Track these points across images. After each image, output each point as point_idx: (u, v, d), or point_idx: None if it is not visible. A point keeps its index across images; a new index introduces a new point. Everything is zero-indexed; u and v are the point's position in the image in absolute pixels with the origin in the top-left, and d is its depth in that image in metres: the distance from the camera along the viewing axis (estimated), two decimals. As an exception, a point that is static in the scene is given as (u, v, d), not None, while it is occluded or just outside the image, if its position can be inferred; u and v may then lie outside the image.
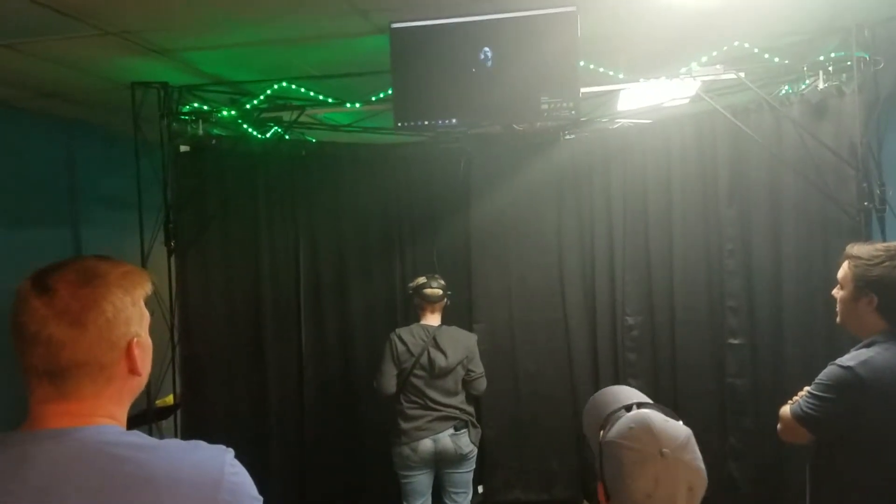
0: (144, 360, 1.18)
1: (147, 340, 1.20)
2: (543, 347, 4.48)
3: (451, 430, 3.60)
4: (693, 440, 1.27)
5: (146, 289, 1.20)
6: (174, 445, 1.12)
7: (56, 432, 1.08)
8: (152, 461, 1.06)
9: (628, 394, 1.43)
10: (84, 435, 1.08)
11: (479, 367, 3.73)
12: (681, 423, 1.31)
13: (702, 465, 1.25)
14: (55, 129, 4.32)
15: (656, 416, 1.29)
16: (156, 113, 3.72)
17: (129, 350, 1.14)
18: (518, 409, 4.49)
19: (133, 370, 1.15)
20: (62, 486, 1.02)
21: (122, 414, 1.17)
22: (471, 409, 3.74)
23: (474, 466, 3.76)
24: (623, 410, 1.34)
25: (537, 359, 4.49)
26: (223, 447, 1.15)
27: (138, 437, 1.11)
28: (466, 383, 3.69)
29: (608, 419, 1.34)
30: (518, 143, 4.36)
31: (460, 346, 3.67)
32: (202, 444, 1.14)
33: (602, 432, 1.33)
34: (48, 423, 1.09)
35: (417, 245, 4.59)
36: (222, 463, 1.11)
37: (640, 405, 1.35)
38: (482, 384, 3.74)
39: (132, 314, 1.15)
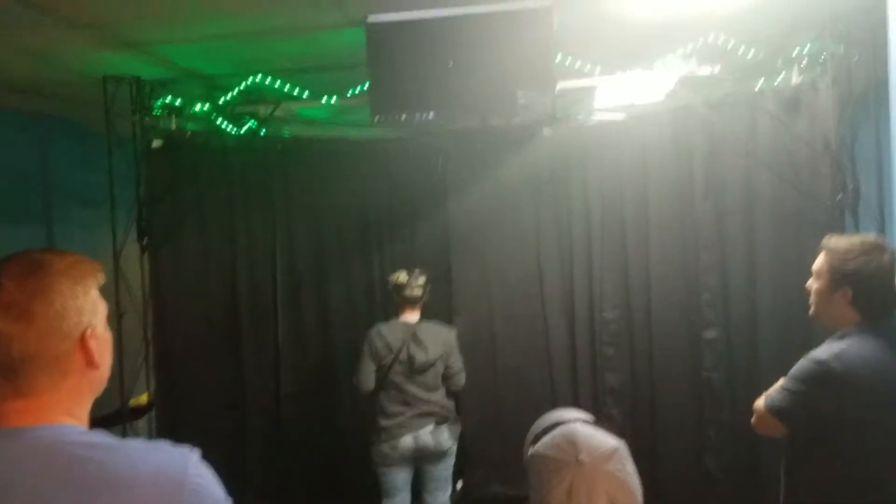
0: (102, 352, 1.15)
1: (104, 332, 1.17)
2: (523, 341, 4.47)
3: (432, 427, 3.58)
4: (622, 453, 1.19)
5: (98, 279, 1.17)
6: (136, 446, 1.09)
7: (13, 431, 1.05)
8: (113, 461, 1.04)
9: (570, 413, 1.35)
10: (43, 434, 1.05)
11: (458, 363, 3.72)
12: (615, 440, 1.22)
13: (631, 479, 1.16)
14: (27, 125, 4.24)
15: (584, 428, 1.22)
16: (128, 108, 3.66)
17: (83, 341, 1.11)
18: (497, 404, 4.48)
19: (90, 363, 1.12)
20: (19, 487, 1.00)
21: (83, 412, 1.14)
22: (451, 404, 3.73)
23: (454, 462, 3.75)
24: (559, 427, 1.26)
25: (516, 353, 4.48)
26: (188, 448, 1.11)
27: (99, 436, 1.08)
28: (445, 379, 3.68)
29: (539, 436, 1.27)
30: (495, 138, 4.35)
31: (440, 341, 3.65)
32: (165, 444, 1.11)
33: (531, 449, 1.26)
34: (5, 422, 1.06)
35: (396, 240, 4.56)
36: (185, 464, 1.08)
37: (576, 421, 1.27)
38: (461, 379, 3.73)
39: (83, 304, 1.12)
